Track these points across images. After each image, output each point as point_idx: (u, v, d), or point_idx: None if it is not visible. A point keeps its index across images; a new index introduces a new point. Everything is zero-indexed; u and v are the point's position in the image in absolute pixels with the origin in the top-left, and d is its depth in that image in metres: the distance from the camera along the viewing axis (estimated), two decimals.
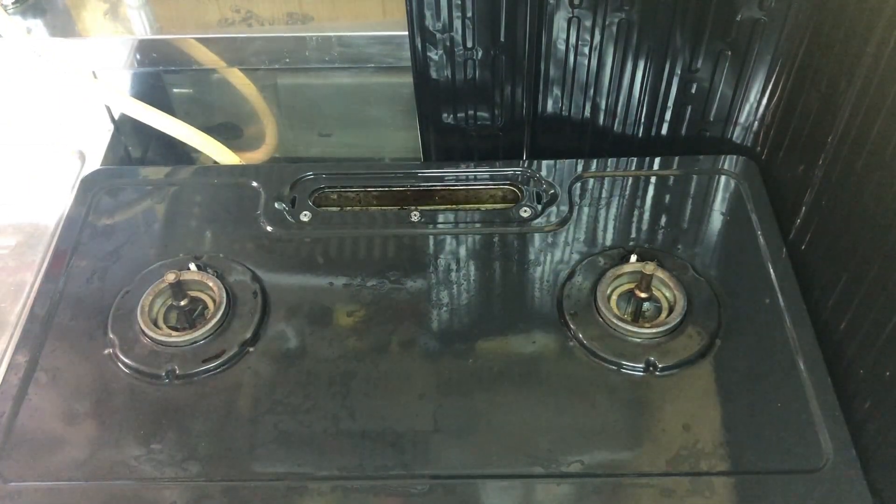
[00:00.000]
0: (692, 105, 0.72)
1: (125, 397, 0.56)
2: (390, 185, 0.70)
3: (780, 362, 0.56)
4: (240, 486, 0.51)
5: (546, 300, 0.61)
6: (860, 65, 0.54)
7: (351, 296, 0.61)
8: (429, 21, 0.66)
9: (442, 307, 0.61)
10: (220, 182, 0.71)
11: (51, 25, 0.81)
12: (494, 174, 0.70)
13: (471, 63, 0.69)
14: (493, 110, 0.73)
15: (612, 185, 0.69)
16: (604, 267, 0.62)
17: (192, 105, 0.91)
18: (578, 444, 0.52)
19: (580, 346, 0.57)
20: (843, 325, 0.56)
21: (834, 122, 0.58)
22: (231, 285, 0.61)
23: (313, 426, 0.54)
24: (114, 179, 0.72)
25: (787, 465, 0.51)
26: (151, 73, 0.87)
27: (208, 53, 0.80)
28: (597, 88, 0.71)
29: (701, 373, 0.56)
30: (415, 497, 0.50)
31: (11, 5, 0.81)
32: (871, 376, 0.52)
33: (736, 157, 0.70)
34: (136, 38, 0.79)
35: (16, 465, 0.52)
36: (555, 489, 0.50)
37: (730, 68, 0.69)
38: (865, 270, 0.53)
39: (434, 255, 0.64)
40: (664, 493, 0.50)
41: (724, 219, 0.66)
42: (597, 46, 0.68)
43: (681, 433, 0.53)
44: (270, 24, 0.80)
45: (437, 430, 0.53)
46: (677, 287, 0.59)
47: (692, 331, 0.58)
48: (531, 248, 0.64)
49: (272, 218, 0.67)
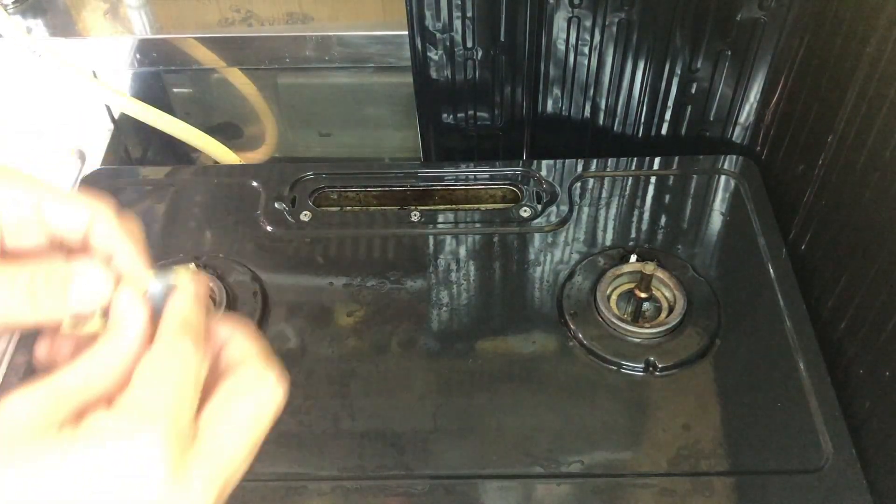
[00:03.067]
0: (692, 105, 0.72)
1: None
2: (390, 185, 0.70)
3: (780, 362, 0.56)
4: (239, 485, 0.51)
5: (546, 300, 0.61)
6: (860, 65, 0.54)
7: (351, 296, 0.61)
8: (429, 21, 0.66)
9: (442, 307, 0.61)
10: (220, 182, 0.71)
11: (51, 25, 0.81)
12: (494, 174, 0.70)
13: (471, 63, 0.69)
14: (493, 110, 0.73)
15: (612, 185, 0.69)
16: (604, 267, 0.62)
17: (192, 105, 0.91)
18: (578, 444, 0.52)
19: (580, 346, 0.57)
20: (843, 325, 0.56)
21: (834, 122, 0.58)
22: (231, 285, 0.61)
23: (313, 426, 0.54)
24: (114, 179, 0.72)
25: (787, 465, 0.51)
26: (151, 73, 0.87)
27: (208, 53, 0.80)
28: (597, 88, 0.71)
29: (701, 373, 0.56)
30: (415, 497, 0.50)
31: (11, 5, 0.81)
32: (871, 376, 0.52)
33: (736, 157, 0.70)
34: (136, 38, 0.79)
35: None
36: (555, 489, 0.50)
37: (730, 68, 0.69)
38: (865, 270, 0.53)
39: (434, 255, 0.64)
40: (664, 493, 0.50)
41: (724, 219, 0.66)
42: (597, 46, 0.68)
43: (681, 433, 0.53)
44: (270, 24, 0.80)
45: (437, 430, 0.53)
46: (677, 287, 0.59)
47: (692, 331, 0.58)
48: (531, 248, 0.64)
49: (272, 218, 0.67)
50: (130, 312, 0.34)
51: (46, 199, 0.36)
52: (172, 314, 0.34)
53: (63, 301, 0.34)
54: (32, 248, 0.37)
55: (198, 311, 0.34)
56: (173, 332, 0.33)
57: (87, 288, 0.34)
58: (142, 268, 0.36)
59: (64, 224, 0.36)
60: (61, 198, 0.36)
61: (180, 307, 0.34)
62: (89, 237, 0.36)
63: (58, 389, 0.31)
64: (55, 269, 0.34)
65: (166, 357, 0.32)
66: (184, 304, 0.34)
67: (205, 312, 0.35)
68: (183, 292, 0.35)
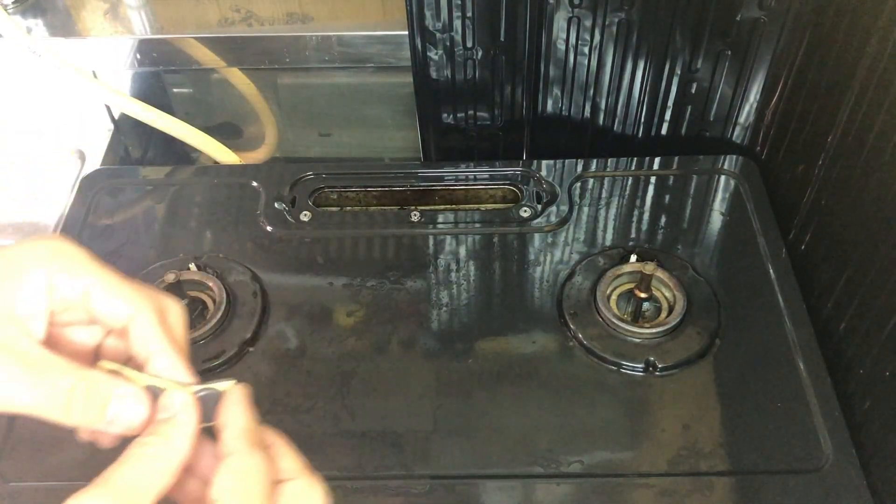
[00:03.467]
0: (692, 105, 0.72)
1: None
2: (390, 185, 0.70)
3: (780, 362, 0.56)
4: None
5: (546, 300, 0.61)
6: (860, 64, 0.54)
7: (351, 296, 0.61)
8: (429, 21, 0.66)
9: (442, 307, 0.61)
10: (220, 182, 0.71)
11: (51, 25, 0.81)
12: (494, 174, 0.70)
13: (471, 63, 0.69)
14: (493, 110, 0.73)
15: (612, 185, 0.69)
16: (604, 267, 0.62)
17: (192, 105, 0.91)
18: (578, 444, 0.52)
19: (580, 346, 0.57)
20: (843, 325, 0.56)
21: (834, 122, 0.58)
22: (231, 285, 0.61)
23: (313, 426, 0.54)
24: (114, 179, 0.72)
25: (787, 465, 0.51)
26: (151, 73, 0.87)
27: (208, 53, 0.80)
28: (597, 88, 0.71)
29: (701, 373, 0.56)
30: (415, 497, 0.50)
31: (11, 5, 0.81)
32: (871, 376, 0.52)
33: (736, 157, 0.70)
34: (136, 38, 0.79)
35: (16, 465, 0.52)
36: (555, 489, 0.50)
37: (730, 68, 0.69)
38: (865, 270, 0.53)
39: (434, 255, 0.64)
40: (664, 493, 0.50)
41: (723, 219, 0.66)
42: (597, 46, 0.68)
43: (681, 433, 0.53)
44: (270, 23, 0.80)
45: (437, 430, 0.53)
46: (677, 287, 0.59)
47: (692, 331, 0.58)
48: (531, 248, 0.64)
49: (272, 218, 0.67)
50: (184, 415, 0.35)
51: (95, 287, 0.37)
52: (236, 424, 0.35)
53: (98, 418, 0.35)
54: (78, 321, 0.38)
55: (256, 422, 0.36)
56: (245, 445, 0.35)
57: (125, 411, 0.35)
58: (182, 372, 0.37)
59: (107, 314, 0.37)
60: (109, 288, 0.37)
61: (242, 417, 0.36)
62: (129, 333, 0.37)
63: (116, 490, 0.32)
64: (96, 385, 0.35)
65: (244, 471, 0.34)
66: (244, 413, 0.36)
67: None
68: (238, 402, 0.36)
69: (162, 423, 0.35)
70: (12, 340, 0.34)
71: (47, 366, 0.34)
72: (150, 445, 0.34)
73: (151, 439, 0.34)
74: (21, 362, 0.34)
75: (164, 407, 0.35)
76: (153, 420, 0.35)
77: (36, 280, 0.36)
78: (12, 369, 0.34)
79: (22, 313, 0.35)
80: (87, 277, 0.37)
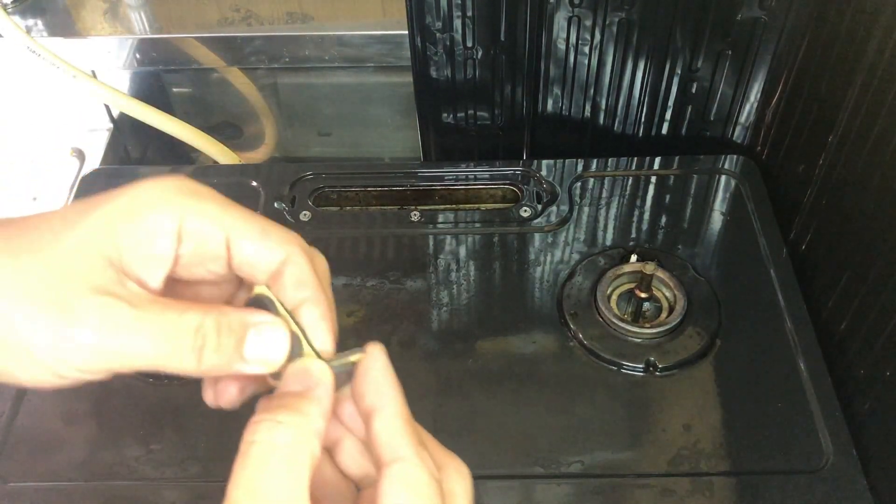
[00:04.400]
0: (692, 105, 0.72)
1: (125, 397, 0.55)
2: (390, 184, 0.70)
3: (780, 362, 0.56)
4: None
5: (546, 300, 0.61)
6: (860, 64, 0.54)
7: (351, 296, 0.61)
8: (429, 20, 0.66)
9: (442, 307, 0.61)
10: (220, 182, 0.71)
11: (51, 25, 0.81)
12: (494, 174, 0.70)
13: (471, 62, 0.69)
14: (493, 110, 0.73)
15: (613, 184, 0.69)
16: (604, 267, 0.62)
17: (192, 105, 0.91)
18: (578, 444, 0.52)
19: (580, 346, 0.57)
20: (843, 325, 0.56)
21: (834, 121, 0.58)
22: None
23: None
24: (113, 179, 0.72)
25: (787, 465, 0.51)
26: (151, 72, 0.87)
27: (208, 53, 0.80)
28: (597, 88, 0.71)
29: (701, 373, 0.56)
30: None
31: (11, 5, 0.81)
32: (871, 376, 0.52)
33: (736, 157, 0.70)
34: (136, 38, 0.79)
35: (16, 465, 0.52)
36: (555, 489, 0.50)
37: (730, 68, 0.69)
38: (865, 270, 0.53)
39: (434, 255, 0.64)
40: (664, 493, 0.50)
41: (724, 219, 0.66)
42: (597, 46, 0.68)
43: (681, 433, 0.53)
44: (270, 23, 0.80)
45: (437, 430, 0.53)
46: (677, 287, 0.59)
47: (692, 331, 0.58)
48: (531, 247, 0.64)
49: (272, 217, 0.66)
50: (322, 390, 0.30)
51: (239, 235, 0.31)
52: (391, 410, 0.30)
53: (234, 358, 0.29)
54: (204, 278, 0.32)
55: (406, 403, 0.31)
56: (412, 447, 0.30)
57: (263, 349, 0.30)
58: (327, 328, 0.32)
59: (254, 263, 0.31)
60: (257, 235, 0.31)
61: (394, 400, 0.31)
62: (278, 279, 0.31)
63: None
64: (227, 318, 0.29)
65: (419, 485, 0.29)
66: (396, 394, 0.31)
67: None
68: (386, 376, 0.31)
69: (295, 398, 0.29)
70: (115, 285, 0.28)
71: (164, 305, 0.28)
72: (286, 426, 0.28)
73: (285, 416, 0.28)
74: (134, 305, 0.28)
75: (295, 375, 0.30)
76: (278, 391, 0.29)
77: (161, 223, 0.30)
78: (123, 314, 0.27)
79: (133, 259, 0.29)
80: (228, 226, 0.30)
